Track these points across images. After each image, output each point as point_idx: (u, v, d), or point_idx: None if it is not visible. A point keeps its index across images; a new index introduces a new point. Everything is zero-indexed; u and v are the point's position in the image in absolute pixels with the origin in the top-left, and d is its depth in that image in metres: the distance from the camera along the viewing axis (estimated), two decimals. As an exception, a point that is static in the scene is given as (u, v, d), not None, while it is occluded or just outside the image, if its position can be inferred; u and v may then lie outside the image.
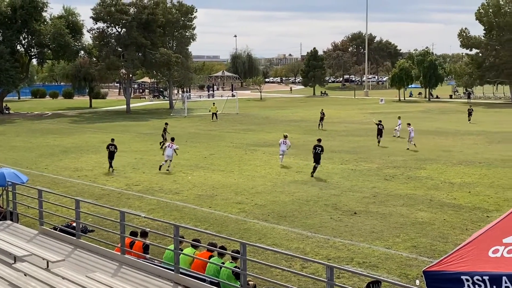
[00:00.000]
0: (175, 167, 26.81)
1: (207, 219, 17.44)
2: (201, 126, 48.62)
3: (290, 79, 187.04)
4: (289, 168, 26.33)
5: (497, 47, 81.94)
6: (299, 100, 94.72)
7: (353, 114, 61.03)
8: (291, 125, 48.78)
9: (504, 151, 30.63)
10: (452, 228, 15.97)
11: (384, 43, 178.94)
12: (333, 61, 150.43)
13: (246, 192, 21.10)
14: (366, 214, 17.66)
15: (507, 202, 18.33)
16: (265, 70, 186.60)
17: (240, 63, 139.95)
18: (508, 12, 79.22)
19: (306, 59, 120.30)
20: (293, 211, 18.17)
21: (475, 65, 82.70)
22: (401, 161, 27.64)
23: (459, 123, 47.55)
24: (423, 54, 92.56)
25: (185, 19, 74.73)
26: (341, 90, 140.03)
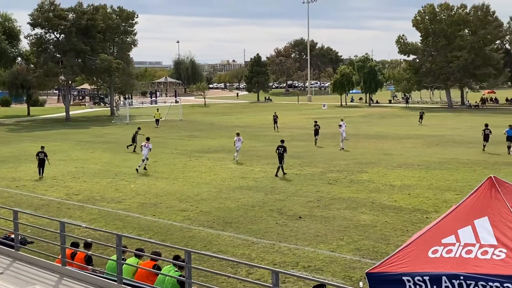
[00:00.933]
0: (117, 176, 26.34)
1: (151, 227, 17.19)
2: (144, 133, 47.88)
3: (234, 85, 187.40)
4: (235, 174, 26.31)
5: (433, 53, 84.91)
6: (243, 106, 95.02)
7: (297, 119, 61.70)
8: (236, 131, 48.65)
9: (441, 154, 31.68)
10: (394, 229, 16.36)
11: (325, 49, 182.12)
12: (277, 67, 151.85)
13: (190, 199, 20.93)
14: (311, 218, 17.85)
15: (445, 203, 18.93)
16: (208, 76, 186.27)
17: (183, 69, 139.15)
18: (444, 19, 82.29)
19: (250, 65, 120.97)
20: (239, 217, 18.16)
21: (413, 70, 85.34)
22: (344, 165, 28.13)
23: (399, 127, 48.88)
24: (363, 60, 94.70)
25: (126, 25, 73.77)
26: (284, 95, 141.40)
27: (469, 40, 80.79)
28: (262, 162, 29.61)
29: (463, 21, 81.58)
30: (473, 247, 6.98)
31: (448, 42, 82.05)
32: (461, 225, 7.25)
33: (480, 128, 46.08)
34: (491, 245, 6.90)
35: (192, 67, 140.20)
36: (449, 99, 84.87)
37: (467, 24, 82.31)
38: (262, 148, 35.85)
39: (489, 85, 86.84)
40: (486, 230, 7.01)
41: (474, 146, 34.76)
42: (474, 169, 26.34)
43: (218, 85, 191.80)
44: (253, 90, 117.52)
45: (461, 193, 20.15)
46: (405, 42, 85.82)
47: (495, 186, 7.31)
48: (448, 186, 22.38)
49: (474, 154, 31.17)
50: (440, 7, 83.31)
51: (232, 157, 31.27)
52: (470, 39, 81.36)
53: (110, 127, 55.99)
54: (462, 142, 37.18)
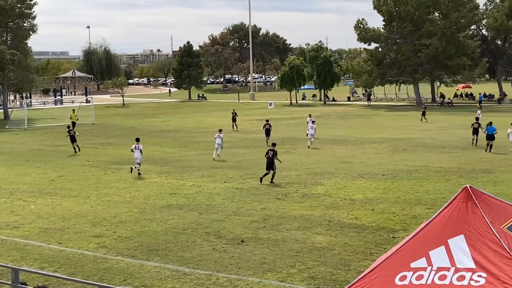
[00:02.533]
0: (13, 194, 25.65)
1: (56, 258, 16.80)
2: (47, 141, 47.02)
3: (160, 79, 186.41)
4: (162, 189, 26.11)
5: (399, 40, 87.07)
6: (171, 106, 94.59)
7: (238, 122, 61.79)
8: (162, 136, 48.54)
9: (409, 161, 32.47)
10: (355, 253, 16.61)
11: (271, 36, 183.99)
12: (212, 57, 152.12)
13: (106, 222, 20.61)
14: (256, 241, 17.89)
15: (414, 220, 19.38)
16: (128, 69, 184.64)
17: (95, 60, 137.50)
18: (410, 0, 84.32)
19: (179, 56, 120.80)
20: (167, 242, 18.01)
21: (375, 61, 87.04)
22: (295, 176, 28.38)
23: (359, 129, 49.86)
24: (316, 49, 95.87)
25: (23, 6, 72.25)
26: (222, 92, 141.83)
27: (440, 25, 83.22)
28: (196, 175, 29.52)
29: (432, 3, 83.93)
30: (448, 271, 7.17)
31: (415, 27, 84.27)
32: (433, 245, 7.43)
33: (454, 129, 47.47)
34: (468, 269, 7.09)
35: (106, 58, 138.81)
36: (418, 95, 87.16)
37: (438, 6, 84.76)
38: (196, 157, 35.75)
39: (463, 78, 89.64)
40: (462, 251, 7.21)
41: (447, 151, 35.82)
42: (448, 178, 27.11)
43: (140, 80, 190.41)
44: (183, 86, 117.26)
45: (433, 207, 20.69)
46: (365, 28, 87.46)
47: (472, 198, 7.54)
48: (418, 199, 22.94)
49: (447, 161, 32.10)
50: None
51: (158, 168, 31.10)
52: (441, 23, 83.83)
53: (3, 134, 54.54)
54: (433, 147, 38.21)
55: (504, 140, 36.12)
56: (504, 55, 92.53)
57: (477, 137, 37.77)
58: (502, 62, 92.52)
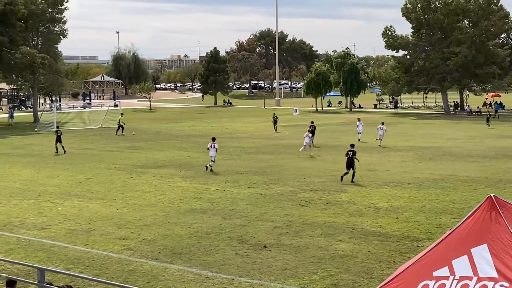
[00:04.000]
0: (41, 196, 25.97)
1: (82, 259, 16.97)
2: (75, 144, 47.44)
3: (187, 85, 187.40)
4: (186, 194, 26.24)
5: (427, 48, 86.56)
6: (197, 111, 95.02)
7: (263, 127, 61.95)
8: (187, 141, 48.78)
9: (435, 169, 32.23)
10: (378, 261, 16.53)
11: (297, 42, 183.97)
12: (238, 63, 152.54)
13: (131, 225, 20.76)
14: (278, 247, 17.89)
15: (439, 229, 19.23)
16: (155, 74, 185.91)
17: (124, 65, 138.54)
18: (439, 7, 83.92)
19: (206, 61, 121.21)
20: (190, 246, 18.09)
21: (402, 69, 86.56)
22: (319, 183, 28.34)
23: (386, 137, 49.50)
24: (343, 56, 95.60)
25: (53, 11, 73.10)
26: (248, 98, 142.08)
27: (469, 33, 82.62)
28: (220, 180, 29.61)
29: (462, 11, 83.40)
30: (470, 280, 7.13)
31: (444, 35, 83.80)
32: (456, 254, 7.39)
33: (482, 138, 47.05)
34: (491, 278, 7.05)
35: (134, 63, 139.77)
36: (446, 104, 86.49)
37: (467, 14, 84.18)
38: (220, 162, 35.83)
39: (493, 87, 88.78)
40: (485, 260, 7.17)
41: (475, 160, 35.50)
42: (475, 187, 26.87)
43: (167, 85, 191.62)
44: (209, 91, 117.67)
45: (459, 216, 20.49)
46: (393, 35, 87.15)
47: (496, 208, 7.48)
48: (444, 208, 22.77)
49: (475, 170, 31.79)
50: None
51: (182, 172, 31.32)
52: (470, 32, 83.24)
53: (33, 136, 55.17)
54: (460, 156, 37.89)
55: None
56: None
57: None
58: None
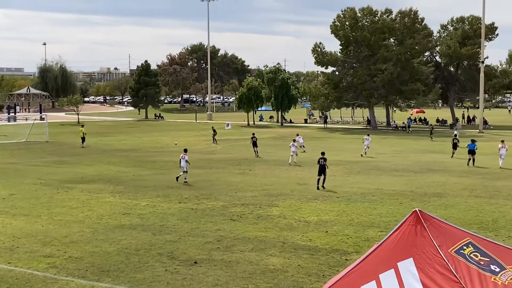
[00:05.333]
0: (-38, 212, 25.06)
1: (4, 278, 16.43)
2: (16, 155, 46.13)
3: (117, 98, 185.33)
4: (115, 209, 25.81)
5: (355, 64, 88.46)
6: (127, 125, 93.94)
7: (194, 141, 61.74)
8: (116, 155, 48.08)
9: (363, 183, 32.81)
10: (308, 275, 16.64)
11: (229, 57, 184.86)
12: (170, 77, 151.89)
13: (57, 242, 20.26)
14: (209, 263, 17.79)
15: (367, 242, 19.53)
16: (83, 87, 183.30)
17: (51, 77, 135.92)
18: (366, 25, 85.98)
19: (136, 74, 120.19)
20: (119, 263, 17.78)
21: (332, 85, 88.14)
22: (250, 198, 28.38)
23: (315, 151, 50.02)
24: (274, 71, 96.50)
25: (-23, 21, 71.03)
26: (180, 112, 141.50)
27: (395, 51, 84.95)
28: (150, 195, 29.28)
29: (388, 29, 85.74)
30: (397, 294, 7.23)
31: (371, 52, 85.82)
32: (383, 268, 7.50)
33: (408, 153, 48.36)
34: (416, 292, 7.17)
35: (62, 75, 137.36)
36: (373, 119, 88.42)
37: (393, 32, 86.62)
38: (151, 177, 35.48)
39: (417, 103, 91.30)
40: (411, 274, 7.29)
41: (401, 175, 36.31)
42: (401, 201, 27.46)
43: (96, 98, 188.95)
44: (140, 105, 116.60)
45: (386, 229, 20.88)
46: (322, 52, 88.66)
47: (421, 222, 7.64)
48: (371, 222, 23.16)
49: (400, 184, 32.52)
50: (362, 11, 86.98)
51: (112, 187, 30.87)
52: (396, 49, 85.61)
53: (-46, 150, 53.28)
54: (387, 170, 38.70)
55: (454, 165, 36.68)
56: (457, 82, 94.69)
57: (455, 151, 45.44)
58: (455, 89, 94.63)
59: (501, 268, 7.30)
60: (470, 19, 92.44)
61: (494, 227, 22.12)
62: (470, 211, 25.01)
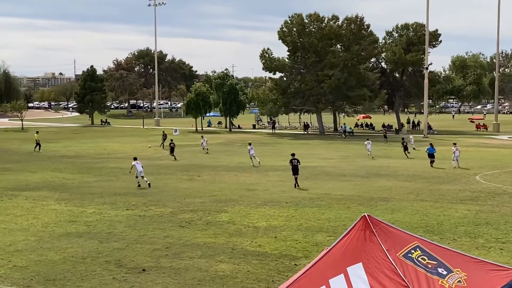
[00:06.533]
0: None
1: None
2: None
3: (62, 104, 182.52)
4: (60, 217, 25.34)
5: (303, 70, 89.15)
6: (72, 131, 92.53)
7: (142, 147, 61.25)
8: (62, 162, 47.28)
9: (311, 188, 33.02)
10: (257, 280, 16.64)
11: (177, 62, 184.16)
12: (116, 82, 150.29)
13: (1, 251, 19.77)
14: (157, 270, 17.62)
15: (316, 247, 19.64)
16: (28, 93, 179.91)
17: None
18: (313, 32, 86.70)
19: (82, 80, 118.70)
20: (65, 272, 17.45)
21: (280, 90, 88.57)
22: (199, 204, 28.25)
23: (264, 157, 50.27)
24: (222, 77, 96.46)
25: None
26: (126, 118, 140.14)
27: (341, 57, 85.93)
28: (97, 202, 28.86)
29: (335, 35, 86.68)
30: (347, 299, 7.28)
31: (318, 58, 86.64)
32: (333, 273, 7.54)
33: (354, 157, 48.98)
34: (366, 296, 7.23)
35: (5, 80, 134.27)
36: (321, 125, 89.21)
37: (340, 38, 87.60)
38: (97, 183, 34.99)
39: (364, 109, 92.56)
40: (361, 279, 7.35)
41: (348, 179, 36.71)
42: (348, 205, 27.74)
43: (40, 104, 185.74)
44: (86, 110, 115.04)
45: (334, 234, 21.08)
46: (270, 58, 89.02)
47: (370, 227, 7.72)
48: (320, 227, 23.32)
49: (348, 189, 32.86)
50: (309, 18, 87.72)
51: (57, 194, 30.34)
52: (343, 55, 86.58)
53: None
54: (334, 175, 39.08)
55: (401, 170, 37.21)
56: (402, 87, 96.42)
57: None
58: (400, 94, 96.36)
59: (448, 271, 7.42)
60: (415, 26, 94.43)
61: (440, 230, 22.54)
62: (416, 215, 25.43)
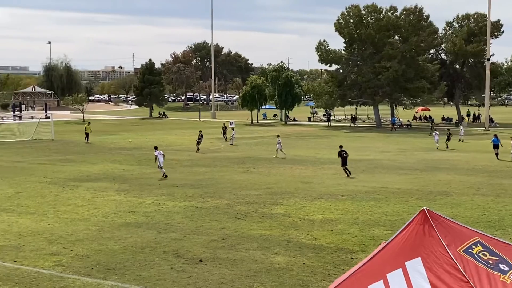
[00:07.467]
0: (-32, 211, 25.10)
1: (11, 276, 16.44)
2: (4, 157, 46.13)
3: (121, 97, 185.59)
4: (120, 207, 25.82)
5: (359, 62, 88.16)
6: (131, 123, 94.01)
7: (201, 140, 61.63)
8: (122, 154, 48.09)
9: (368, 182, 32.73)
10: (313, 273, 16.61)
11: (233, 55, 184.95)
12: (174, 75, 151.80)
13: (63, 240, 20.26)
14: (214, 261, 17.77)
15: (373, 241, 19.49)
16: (88, 86, 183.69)
17: (56, 76, 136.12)
18: (371, 23, 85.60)
19: (141, 73, 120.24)
20: (125, 261, 17.77)
21: (336, 83, 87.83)
22: (255, 196, 28.35)
23: (320, 149, 50.11)
24: (278, 69, 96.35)
25: (-18, 19, 71.22)
26: (183, 110, 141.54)
27: (400, 49, 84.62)
28: (155, 193, 29.28)
29: (393, 26, 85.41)
30: (404, 294, 7.20)
31: (376, 50, 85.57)
32: (391, 267, 7.46)
33: (413, 151, 48.22)
34: (424, 291, 7.13)
35: (67, 74, 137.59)
36: (378, 117, 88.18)
37: (398, 29, 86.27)
38: (155, 175, 35.45)
39: (422, 101, 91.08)
40: (419, 274, 7.25)
41: (406, 173, 36.22)
42: (406, 199, 27.38)
43: (100, 97, 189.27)
44: (144, 103, 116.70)
45: (391, 228, 20.86)
46: (326, 50, 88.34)
47: (429, 221, 7.59)
48: (377, 220, 23.10)
49: (405, 182, 32.43)
50: (366, 9, 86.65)
51: (117, 185, 30.92)
52: (401, 47, 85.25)
53: (-41, 148, 53.38)
54: (392, 168, 38.62)
55: (461, 163, 36.59)
56: (462, 79, 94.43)
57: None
58: (460, 86, 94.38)
59: (510, 267, 7.26)
60: (476, 16, 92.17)
61: (501, 225, 22.04)
62: (477, 210, 24.93)
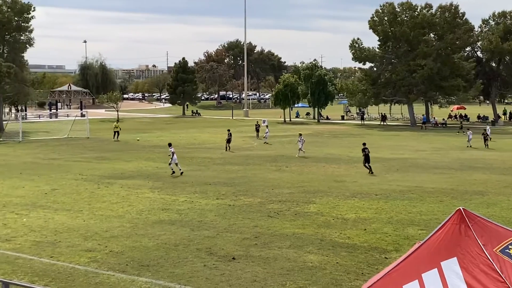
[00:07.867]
0: (5, 207, 25.50)
1: (47, 272, 16.68)
2: (41, 154, 46.84)
3: (155, 95, 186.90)
4: (154, 205, 26.02)
5: (394, 60, 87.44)
6: (165, 121, 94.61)
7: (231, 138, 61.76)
8: (155, 151, 48.41)
9: (402, 181, 32.46)
10: (346, 272, 16.54)
11: (265, 54, 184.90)
12: (207, 74, 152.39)
13: (98, 237, 20.50)
14: (247, 259, 17.80)
15: (407, 241, 19.33)
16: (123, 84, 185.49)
17: (91, 75, 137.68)
18: (405, 20, 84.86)
19: (174, 72, 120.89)
20: (158, 258, 17.91)
21: (369, 81, 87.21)
22: (287, 194, 28.32)
23: (353, 148, 49.79)
24: (311, 67, 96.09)
25: (20, 19, 72.36)
26: (216, 109, 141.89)
27: (435, 46, 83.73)
28: (188, 191, 29.44)
29: (428, 24, 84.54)
30: (440, 294, 7.12)
31: (410, 48, 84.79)
32: (426, 267, 7.39)
33: (448, 150, 47.67)
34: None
35: (102, 73, 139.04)
36: (412, 116, 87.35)
37: (433, 27, 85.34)
38: (188, 173, 35.64)
39: (458, 99, 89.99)
40: (455, 274, 7.17)
41: (441, 172, 35.85)
42: (441, 199, 27.10)
43: (134, 95, 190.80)
44: (177, 102, 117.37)
45: (426, 228, 20.67)
46: (360, 47, 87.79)
47: (465, 221, 7.50)
48: (411, 220, 22.90)
49: (440, 182, 32.10)
50: (401, 6, 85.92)
51: (150, 183, 31.13)
52: (436, 44, 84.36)
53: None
54: (427, 167, 38.24)
55: (497, 162, 36.12)
56: (499, 77, 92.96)
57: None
58: (497, 84, 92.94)
59: (548, 268, 7.14)
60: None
61: (537, 226, 21.68)
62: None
